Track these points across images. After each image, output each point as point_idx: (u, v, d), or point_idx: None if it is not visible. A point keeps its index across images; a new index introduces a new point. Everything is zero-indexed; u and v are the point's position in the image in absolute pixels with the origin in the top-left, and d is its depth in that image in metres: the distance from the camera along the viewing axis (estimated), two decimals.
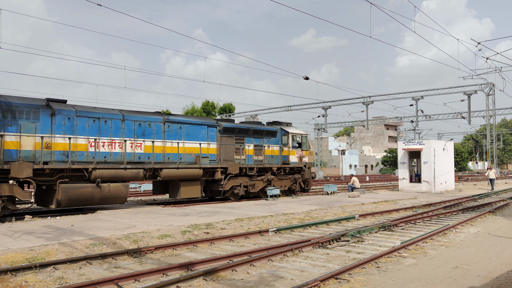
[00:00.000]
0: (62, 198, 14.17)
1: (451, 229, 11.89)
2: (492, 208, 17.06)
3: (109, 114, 15.96)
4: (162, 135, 17.38)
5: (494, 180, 29.76)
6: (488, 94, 40.30)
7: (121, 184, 15.81)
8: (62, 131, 14.55)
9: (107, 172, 15.32)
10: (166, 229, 11.16)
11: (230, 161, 19.90)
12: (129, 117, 16.50)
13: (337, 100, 49.40)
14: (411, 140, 29.84)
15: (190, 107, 62.42)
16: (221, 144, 19.64)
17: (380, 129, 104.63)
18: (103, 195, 15.24)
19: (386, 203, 19.34)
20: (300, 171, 23.48)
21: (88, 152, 15.17)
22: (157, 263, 8.00)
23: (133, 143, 16.44)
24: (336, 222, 13.30)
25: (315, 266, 7.80)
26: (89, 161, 15.17)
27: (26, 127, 13.70)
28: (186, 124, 18.37)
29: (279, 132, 22.65)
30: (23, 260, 7.86)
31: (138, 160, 16.59)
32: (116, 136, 15.97)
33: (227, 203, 18.80)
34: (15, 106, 13.63)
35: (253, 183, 20.79)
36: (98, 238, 9.85)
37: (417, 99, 43.20)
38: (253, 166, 20.76)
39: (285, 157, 22.60)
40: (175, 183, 18.16)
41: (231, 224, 12.40)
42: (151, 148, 16.90)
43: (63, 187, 14.21)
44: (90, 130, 15.27)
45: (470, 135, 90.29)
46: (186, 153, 18.16)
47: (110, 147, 15.76)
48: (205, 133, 19.02)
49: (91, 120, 15.36)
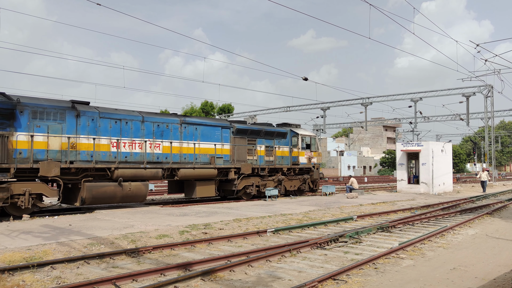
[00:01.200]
0: (86, 196, 14.76)
1: (449, 231, 11.91)
2: (490, 210, 17.09)
3: (129, 116, 16.53)
4: (179, 136, 18.00)
5: (486, 183, 28.89)
6: (486, 96, 40.36)
7: (141, 183, 16.36)
8: (86, 131, 15.15)
9: (128, 171, 15.90)
10: (164, 229, 11.15)
11: (242, 161, 20.49)
12: (148, 119, 17.07)
13: (336, 101, 49.43)
14: (410, 142, 29.88)
15: (189, 107, 62.34)
16: (234, 145, 20.25)
17: (378, 130, 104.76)
18: (125, 193, 15.83)
19: (384, 204, 19.36)
20: (309, 172, 24.12)
21: (110, 152, 15.74)
22: (155, 263, 7.99)
23: (152, 143, 17.02)
24: (334, 223, 13.30)
25: (313, 267, 7.80)
26: (111, 160, 15.74)
27: (53, 128, 14.30)
28: (201, 126, 18.98)
29: (289, 133, 23.33)
30: (21, 259, 7.85)
31: (157, 160, 17.13)
32: (136, 137, 16.57)
33: (226, 204, 18.80)
34: (43, 107, 14.16)
35: (264, 183, 21.44)
36: (96, 237, 9.84)
37: (416, 100, 43.26)
38: (265, 166, 21.40)
39: (294, 158, 23.23)
40: (191, 182, 18.77)
41: (229, 224, 12.39)
42: (169, 148, 17.51)
43: (88, 186, 14.80)
44: (112, 131, 15.87)
45: (468, 137, 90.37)
46: (202, 153, 18.77)
47: (131, 148, 16.38)
48: (219, 134, 19.63)
49: (113, 121, 15.96)
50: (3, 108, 13.13)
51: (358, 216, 14.51)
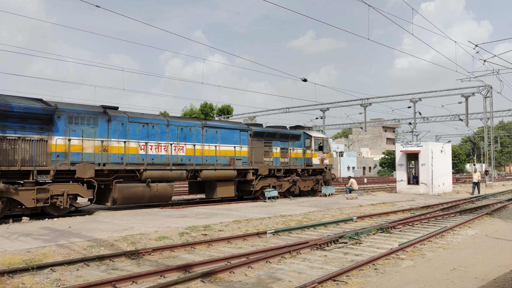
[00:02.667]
0: (118, 197, 15.57)
1: (449, 231, 11.91)
2: (490, 210, 17.10)
3: (156, 120, 17.38)
4: (201, 138, 18.80)
5: (479, 184, 27.74)
6: (485, 96, 40.41)
7: (167, 184, 17.20)
8: (116, 135, 15.93)
9: (156, 173, 16.70)
10: (164, 231, 11.14)
11: (260, 163, 21.26)
12: (172, 122, 17.86)
13: (335, 102, 49.45)
14: (409, 142, 29.88)
15: (189, 109, 62.34)
16: (252, 147, 21.06)
17: (378, 131, 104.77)
18: (152, 194, 16.62)
19: (384, 205, 19.36)
20: (321, 173, 24.96)
21: (138, 154, 16.53)
22: (155, 265, 7.98)
23: (176, 146, 17.81)
24: (334, 224, 13.30)
25: (313, 268, 7.80)
26: (140, 162, 16.51)
27: (87, 132, 15.09)
28: (221, 129, 19.83)
29: (303, 135, 24.15)
30: (20, 262, 7.84)
31: (181, 162, 17.91)
32: (162, 140, 17.35)
33: (225, 205, 18.80)
34: (78, 113, 14.92)
35: (280, 184, 22.26)
36: (95, 239, 9.83)
37: (415, 101, 43.30)
38: (280, 167, 22.22)
39: (308, 159, 24.02)
40: (212, 183, 19.53)
41: (229, 226, 12.39)
42: (192, 151, 18.34)
43: (119, 187, 15.62)
44: (140, 135, 16.64)
45: (467, 137, 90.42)
46: (222, 155, 19.56)
47: (157, 150, 17.18)
48: (237, 137, 20.43)
49: (141, 125, 16.73)
50: (43, 113, 13.87)
51: (358, 217, 14.50)
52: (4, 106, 13.07)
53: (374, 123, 72.86)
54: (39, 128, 13.96)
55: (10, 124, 13.32)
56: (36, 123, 13.88)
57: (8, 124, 13.28)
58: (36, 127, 13.90)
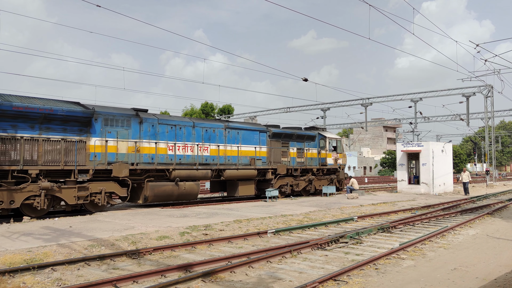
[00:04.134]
0: (149, 194, 16.49)
1: (449, 231, 11.90)
2: (491, 210, 17.08)
3: (182, 122, 18.22)
4: (224, 139, 19.66)
5: (467, 184, 26.67)
6: (486, 96, 40.36)
7: (194, 183, 18.14)
8: (147, 136, 16.78)
9: (184, 172, 17.63)
10: (164, 231, 11.14)
11: (278, 162, 22.13)
12: (198, 124, 18.78)
13: (336, 102, 49.44)
14: (410, 142, 29.86)
15: (189, 109, 62.34)
16: (271, 148, 21.96)
17: (378, 130, 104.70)
18: (180, 192, 17.54)
19: (385, 205, 19.35)
20: (335, 172, 25.92)
21: (167, 154, 17.36)
22: (156, 264, 7.99)
23: (201, 146, 18.70)
24: (335, 223, 13.30)
25: (313, 268, 7.80)
26: (168, 162, 17.34)
27: (121, 133, 15.95)
28: (242, 130, 20.74)
29: (317, 136, 25.04)
30: (21, 261, 7.84)
31: (205, 162, 18.80)
32: (188, 140, 18.25)
33: (226, 204, 18.80)
34: (113, 115, 15.82)
35: (297, 183, 23.22)
36: (96, 239, 9.84)
37: (416, 101, 43.26)
38: (297, 167, 23.14)
39: (322, 159, 24.98)
40: (234, 182, 20.48)
41: (229, 225, 12.39)
42: (216, 151, 19.23)
43: (151, 185, 16.53)
44: (168, 136, 17.50)
45: (468, 137, 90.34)
46: (243, 155, 20.46)
47: (184, 150, 18.04)
48: (257, 138, 21.32)
49: (169, 127, 17.59)
50: (83, 116, 14.73)
51: (359, 216, 14.50)
52: (48, 109, 13.91)
53: (375, 122, 72.82)
54: (79, 130, 14.85)
55: (53, 126, 14.24)
56: (76, 125, 14.76)
57: (51, 126, 14.20)
58: (76, 129, 14.79)
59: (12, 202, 13.27)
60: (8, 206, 13.16)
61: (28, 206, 13.86)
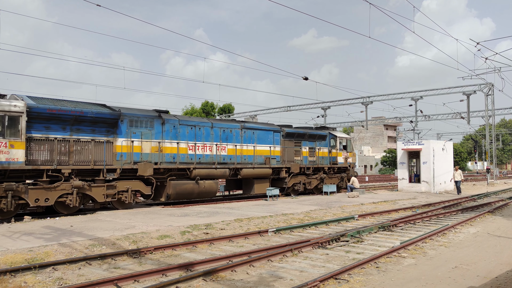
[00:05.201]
0: (172, 192, 17.14)
1: (450, 229, 11.90)
2: (491, 208, 17.08)
3: (202, 123, 18.96)
4: (240, 139, 20.33)
5: (459, 183, 25.95)
6: (487, 94, 40.32)
7: (213, 181, 18.78)
8: (169, 137, 17.48)
9: (203, 171, 18.28)
10: (165, 230, 11.15)
11: (291, 161, 22.80)
12: (216, 125, 19.47)
13: (336, 101, 49.40)
14: (410, 140, 29.82)
15: (190, 108, 62.29)
16: (285, 147, 22.65)
17: (379, 129, 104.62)
18: (200, 190, 18.21)
19: (386, 203, 19.35)
20: (345, 170, 26.54)
21: (187, 154, 18.09)
22: (157, 263, 7.99)
23: (219, 146, 19.38)
24: (336, 222, 13.30)
25: (314, 267, 7.80)
26: (189, 161, 18.07)
27: (145, 134, 16.64)
28: (257, 130, 21.42)
29: (328, 136, 25.76)
30: (22, 260, 7.85)
31: (223, 161, 19.50)
32: (207, 140, 18.95)
33: (227, 204, 18.81)
34: (137, 117, 16.51)
35: (309, 181, 23.90)
36: (97, 238, 9.84)
37: (416, 99, 43.21)
38: (309, 166, 23.82)
39: (333, 158, 25.66)
40: (250, 180, 21.16)
41: (230, 224, 12.39)
42: (233, 150, 19.93)
43: (173, 183, 17.17)
44: (188, 136, 18.23)
45: (469, 135, 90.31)
46: (258, 155, 21.13)
47: (203, 150, 18.78)
48: (271, 138, 21.97)
49: (189, 127, 18.31)
50: (110, 118, 15.43)
51: (360, 215, 14.50)
52: (79, 112, 14.57)
53: (375, 121, 72.74)
54: (106, 131, 15.53)
55: (82, 128, 14.91)
56: (104, 126, 15.42)
57: (81, 128, 14.87)
58: (103, 130, 15.46)
59: (47, 199, 13.90)
60: (43, 203, 13.79)
61: (61, 203, 14.49)
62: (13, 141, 13.10)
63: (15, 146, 13.14)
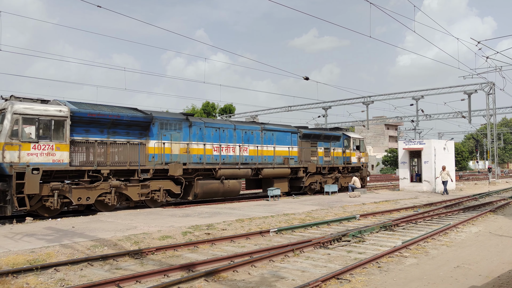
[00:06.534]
0: (199, 191, 18.00)
1: (452, 229, 11.88)
2: (493, 207, 17.05)
3: (225, 125, 19.95)
4: (260, 140, 21.24)
5: (446, 183, 24.85)
6: (488, 93, 40.27)
7: (237, 181, 19.73)
8: (196, 139, 18.39)
9: (228, 171, 19.19)
10: (167, 230, 11.15)
11: (308, 161, 23.66)
12: (238, 127, 20.45)
13: (337, 100, 49.37)
14: (412, 140, 29.80)
15: (190, 109, 62.28)
16: (302, 148, 23.49)
17: (380, 129, 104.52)
18: (225, 189, 19.06)
19: (387, 203, 19.33)
20: (358, 170, 27.50)
21: (213, 155, 18.99)
22: (158, 264, 8.00)
23: (242, 147, 20.22)
24: (337, 222, 13.29)
25: (316, 267, 7.79)
26: (214, 162, 18.96)
27: (174, 136, 17.52)
28: (276, 132, 22.30)
29: (342, 136, 26.66)
30: (24, 262, 7.86)
31: (245, 161, 20.37)
32: (230, 142, 19.85)
33: (228, 204, 18.82)
34: (167, 120, 17.41)
35: (325, 180, 24.86)
36: (99, 239, 9.85)
37: (418, 98, 43.16)
38: (325, 165, 24.80)
39: (347, 158, 26.61)
40: (270, 180, 21.86)
41: (232, 225, 12.39)
42: (254, 151, 20.86)
43: (200, 183, 18.05)
44: (213, 138, 19.07)
45: (470, 134, 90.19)
46: (277, 155, 22.02)
47: (227, 151, 19.65)
48: (289, 139, 22.85)
49: (214, 129, 19.17)
50: (144, 121, 16.36)
51: (361, 215, 14.48)
52: (116, 115, 15.48)
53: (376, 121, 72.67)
54: (139, 133, 16.40)
55: (118, 131, 15.79)
56: (137, 129, 16.30)
57: (117, 131, 15.75)
58: (137, 133, 16.33)
59: (88, 198, 14.83)
60: (85, 202, 14.77)
61: (100, 202, 15.39)
62: (58, 144, 14.05)
63: (60, 149, 14.12)
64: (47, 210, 14.09)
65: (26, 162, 13.30)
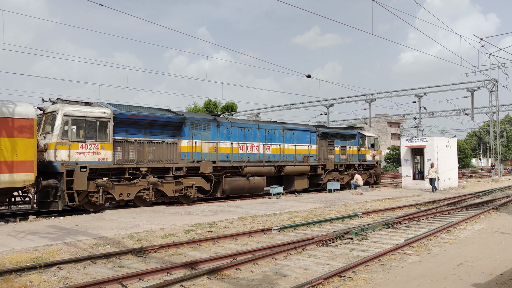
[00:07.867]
0: (227, 188, 19.00)
1: (455, 226, 11.86)
2: (496, 204, 17.01)
3: (250, 124, 20.90)
4: (282, 139, 22.11)
5: (434, 181, 24.44)
6: (491, 91, 40.10)
7: (261, 178, 20.62)
8: (223, 138, 19.31)
9: (253, 168, 20.13)
10: (169, 228, 11.18)
11: (326, 159, 24.71)
12: (262, 126, 21.40)
13: (339, 98, 49.25)
14: (414, 137, 29.71)
15: (192, 107, 62.30)
16: (320, 146, 24.41)
17: (382, 126, 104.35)
18: (250, 186, 20.00)
19: (390, 201, 19.31)
20: (373, 167, 28.66)
21: (239, 153, 19.91)
22: (161, 262, 8.01)
23: (265, 146, 21.14)
24: (340, 220, 13.28)
25: (318, 264, 7.80)
26: (240, 160, 19.88)
27: (204, 135, 18.47)
28: (297, 131, 23.19)
29: (357, 135, 27.52)
30: (28, 260, 7.89)
31: (268, 159, 21.24)
32: (255, 141, 20.78)
33: (230, 202, 18.84)
34: (197, 120, 18.36)
35: (342, 177, 25.90)
36: (102, 237, 9.88)
37: (420, 96, 43.02)
38: (342, 163, 25.84)
39: (362, 155, 27.61)
40: (291, 177, 22.82)
41: (234, 222, 12.40)
42: (276, 150, 21.76)
43: (228, 180, 19.06)
44: (239, 137, 20.03)
45: (473, 132, 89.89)
46: (297, 153, 22.86)
47: (251, 149, 20.58)
48: (308, 137, 23.78)
49: (240, 129, 20.12)
50: (177, 122, 17.32)
51: (363, 212, 14.47)
52: (153, 116, 16.41)
53: (379, 118, 72.58)
54: (172, 133, 17.31)
55: (154, 131, 16.70)
56: (171, 129, 17.21)
57: (152, 131, 16.67)
58: (170, 133, 17.24)
59: (129, 194, 15.78)
60: (126, 197, 15.68)
61: (138, 198, 16.33)
62: (103, 143, 15.07)
63: (104, 148, 15.13)
64: (92, 205, 15.12)
65: (75, 160, 14.34)
